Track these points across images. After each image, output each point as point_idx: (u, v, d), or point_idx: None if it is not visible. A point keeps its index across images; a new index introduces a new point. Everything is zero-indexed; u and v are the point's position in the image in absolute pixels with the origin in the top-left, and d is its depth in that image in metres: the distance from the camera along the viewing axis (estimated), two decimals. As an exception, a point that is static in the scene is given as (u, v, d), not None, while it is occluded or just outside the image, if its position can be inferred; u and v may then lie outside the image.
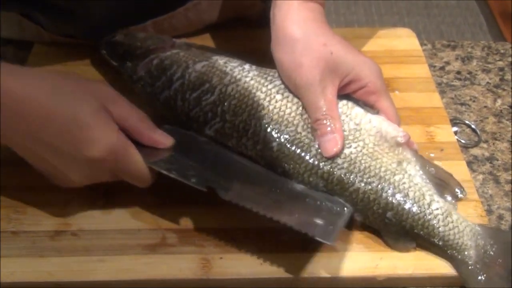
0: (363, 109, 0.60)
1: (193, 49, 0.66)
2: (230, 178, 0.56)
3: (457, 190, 0.58)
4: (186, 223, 0.56)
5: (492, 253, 0.54)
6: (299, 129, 0.58)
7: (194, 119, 0.60)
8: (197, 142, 0.59)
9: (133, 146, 0.54)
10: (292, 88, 0.60)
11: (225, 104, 0.59)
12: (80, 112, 0.52)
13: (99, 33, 0.72)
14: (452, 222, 0.55)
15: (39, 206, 0.57)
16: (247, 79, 0.61)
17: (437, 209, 0.55)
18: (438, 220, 0.54)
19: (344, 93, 0.60)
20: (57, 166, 0.53)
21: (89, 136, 0.51)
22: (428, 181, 0.57)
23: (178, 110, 0.61)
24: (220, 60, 0.63)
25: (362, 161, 0.56)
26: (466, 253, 0.54)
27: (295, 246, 0.53)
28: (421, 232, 0.54)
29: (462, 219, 0.55)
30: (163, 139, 0.57)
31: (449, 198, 0.57)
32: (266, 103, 0.59)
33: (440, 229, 0.54)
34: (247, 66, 0.63)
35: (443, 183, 0.58)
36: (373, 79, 0.59)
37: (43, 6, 0.69)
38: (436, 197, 0.56)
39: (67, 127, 0.51)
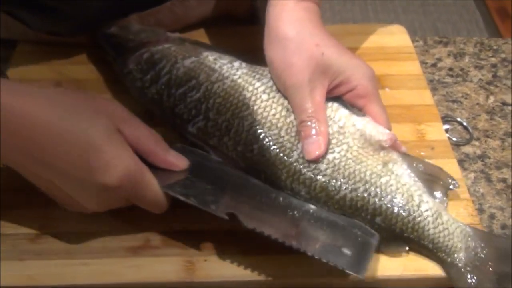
0: (348, 111, 0.58)
1: (186, 44, 0.66)
2: (249, 202, 0.53)
3: (448, 182, 0.57)
4: (170, 225, 0.55)
5: (483, 256, 0.53)
6: (282, 133, 0.56)
7: (178, 115, 0.59)
8: (210, 162, 0.57)
9: (149, 171, 0.51)
10: (281, 88, 0.58)
11: (210, 101, 0.58)
12: (94, 135, 0.49)
13: (85, 30, 0.71)
14: (442, 224, 0.53)
15: (19, 208, 0.56)
16: (235, 77, 0.60)
17: (427, 210, 0.53)
18: (428, 222, 0.53)
19: (333, 96, 0.59)
20: (69, 193, 0.50)
21: (104, 161, 0.48)
22: (416, 179, 0.55)
23: (163, 105, 0.61)
24: (210, 57, 0.62)
25: (347, 166, 0.54)
26: (456, 255, 0.52)
27: (280, 248, 0.52)
28: (411, 236, 0.53)
29: (452, 220, 0.54)
30: (178, 161, 0.54)
31: (439, 195, 0.56)
32: (251, 103, 0.58)
33: (430, 231, 0.53)
34: (236, 64, 0.61)
35: (433, 178, 0.56)
36: (363, 82, 0.58)
37: (28, 3, 0.68)
38: (425, 197, 0.54)
39: (80, 152, 0.48)
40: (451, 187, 0.56)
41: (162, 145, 0.54)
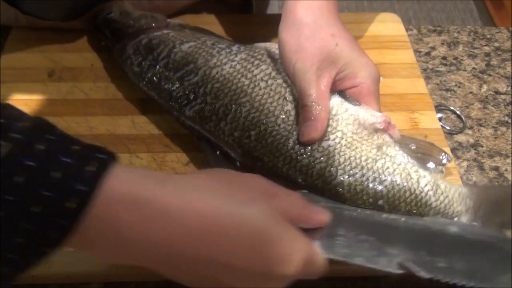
0: (340, 98, 0.58)
1: (186, 30, 0.66)
2: (404, 246, 0.49)
3: (441, 158, 0.57)
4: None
5: (482, 213, 0.53)
6: (279, 121, 0.56)
7: (175, 99, 0.60)
8: (331, 204, 0.53)
9: (313, 243, 0.47)
10: (289, 70, 0.58)
11: (208, 86, 0.59)
12: (263, 224, 0.42)
13: (77, 15, 0.71)
14: (442, 193, 0.54)
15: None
16: (233, 63, 0.60)
17: (426, 185, 0.54)
18: (430, 196, 0.54)
19: (336, 89, 0.59)
20: None
21: (281, 251, 0.42)
22: (410, 157, 0.56)
23: (161, 89, 0.61)
24: (208, 41, 0.62)
25: (341, 153, 0.55)
26: (460, 220, 0.53)
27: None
28: (415, 212, 0.53)
29: (449, 185, 0.55)
30: (324, 217, 0.48)
31: (434, 166, 0.56)
32: (249, 90, 0.58)
33: (432, 204, 0.53)
34: (235, 48, 0.61)
35: (426, 156, 0.57)
36: (368, 82, 0.58)
37: None
38: (422, 172, 0.55)
39: (254, 245, 0.42)
40: (444, 161, 0.57)
41: (308, 206, 0.48)
